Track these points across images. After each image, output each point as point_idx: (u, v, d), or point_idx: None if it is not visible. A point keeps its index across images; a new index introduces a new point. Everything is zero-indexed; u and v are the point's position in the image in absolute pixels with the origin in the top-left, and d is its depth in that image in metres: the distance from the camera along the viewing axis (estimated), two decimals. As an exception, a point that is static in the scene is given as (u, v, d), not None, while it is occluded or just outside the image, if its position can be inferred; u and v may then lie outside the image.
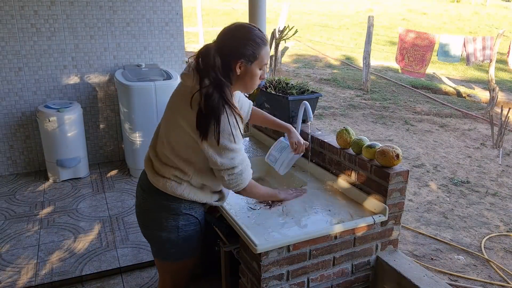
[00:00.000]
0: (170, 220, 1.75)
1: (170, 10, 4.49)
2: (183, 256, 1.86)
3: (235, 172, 1.64)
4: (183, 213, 1.75)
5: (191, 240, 1.82)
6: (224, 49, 1.58)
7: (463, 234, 3.97)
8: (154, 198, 1.76)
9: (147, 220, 1.82)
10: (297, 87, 2.43)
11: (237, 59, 1.58)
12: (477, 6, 25.51)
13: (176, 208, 1.74)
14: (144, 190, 1.81)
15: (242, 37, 1.59)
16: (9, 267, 2.87)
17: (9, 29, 3.97)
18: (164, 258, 1.86)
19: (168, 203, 1.74)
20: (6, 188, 4.03)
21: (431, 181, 5.17)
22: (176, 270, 1.92)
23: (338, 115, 7.78)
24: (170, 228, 1.76)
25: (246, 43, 1.58)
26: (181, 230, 1.76)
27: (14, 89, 4.13)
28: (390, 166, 1.79)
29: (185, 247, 1.82)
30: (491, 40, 8.18)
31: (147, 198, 1.79)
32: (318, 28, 16.49)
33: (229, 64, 1.59)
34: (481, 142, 6.79)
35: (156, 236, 1.81)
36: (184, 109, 1.60)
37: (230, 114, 1.57)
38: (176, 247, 1.80)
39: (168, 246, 1.80)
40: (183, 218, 1.76)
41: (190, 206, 1.77)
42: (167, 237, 1.77)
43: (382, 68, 11.68)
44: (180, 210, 1.75)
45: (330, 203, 1.92)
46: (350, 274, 1.86)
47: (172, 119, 1.67)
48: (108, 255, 3.00)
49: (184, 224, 1.77)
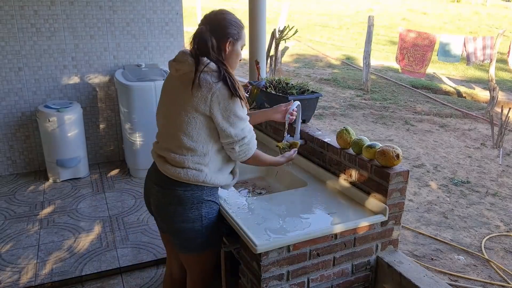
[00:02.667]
0: (193, 210, 1.78)
1: (170, 10, 4.49)
2: (209, 246, 1.87)
3: (245, 143, 1.76)
4: (206, 200, 1.79)
5: (214, 227, 1.84)
6: (215, 31, 1.73)
7: (463, 234, 3.97)
8: (175, 191, 1.77)
9: (170, 215, 1.81)
10: (297, 87, 2.42)
11: (226, 38, 1.74)
12: (477, 6, 25.50)
13: (198, 196, 1.78)
14: (160, 185, 1.82)
15: (227, 19, 1.77)
16: (9, 267, 2.87)
17: (9, 29, 3.96)
18: (191, 250, 1.86)
19: (191, 193, 1.77)
20: (6, 188, 4.03)
21: (431, 181, 5.17)
22: (203, 262, 1.93)
23: (338, 115, 7.78)
24: (194, 218, 1.78)
25: (231, 24, 1.76)
26: (204, 218, 1.80)
27: (14, 89, 4.13)
28: (390, 166, 1.79)
29: (210, 235, 1.84)
30: (491, 40, 8.18)
31: (166, 192, 1.80)
32: (318, 28, 16.49)
33: (220, 44, 1.74)
34: (481, 142, 6.79)
35: (181, 229, 1.80)
36: (191, 96, 1.68)
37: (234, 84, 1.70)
38: (201, 237, 1.82)
39: (193, 237, 1.81)
40: (205, 206, 1.80)
41: (211, 192, 1.81)
42: (191, 228, 1.79)
43: (383, 68, 11.68)
44: (203, 197, 1.78)
45: (330, 203, 1.92)
46: (350, 274, 1.86)
47: (180, 109, 1.72)
48: (108, 255, 2.99)
49: (207, 212, 1.80)
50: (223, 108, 1.68)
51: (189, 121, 1.71)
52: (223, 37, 1.73)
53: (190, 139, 1.73)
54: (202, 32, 1.72)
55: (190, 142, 1.73)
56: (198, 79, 1.66)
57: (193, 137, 1.72)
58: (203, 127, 1.72)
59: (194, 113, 1.69)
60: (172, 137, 1.77)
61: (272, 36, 8.36)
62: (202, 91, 1.66)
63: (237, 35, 1.77)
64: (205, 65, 1.68)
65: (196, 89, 1.67)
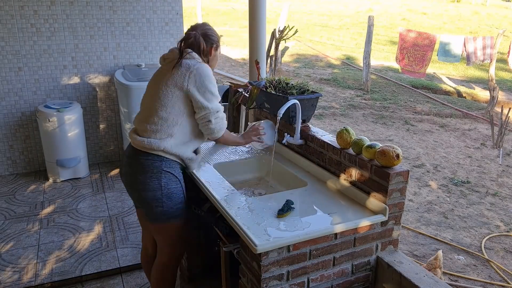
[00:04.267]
0: (153, 179, 1.98)
1: (170, 10, 4.49)
2: (172, 216, 2.05)
3: (219, 116, 2.03)
4: (164, 170, 1.99)
5: (174, 197, 2.03)
6: (204, 37, 2.07)
7: (463, 234, 3.97)
8: (138, 159, 1.99)
9: (134, 183, 2.02)
10: (297, 87, 2.42)
11: (212, 44, 2.10)
12: (477, 6, 25.51)
13: (158, 166, 1.98)
14: (128, 156, 2.05)
15: (211, 29, 2.13)
16: (9, 267, 2.87)
17: (9, 29, 3.97)
18: (154, 219, 2.06)
19: (151, 161, 1.98)
20: (6, 188, 4.03)
21: (431, 181, 5.17)
22: (168, 232, 2.10)
23: (338, 115, 7.78)
24: (155, 186, 1.98)
25: (213, 34, 2.12)
26: (164, 187, 1.99)
27: (14, 89, 4.13)
28: (390, 166, 1.79)
29: (170, 205, 2.02)
30: (491, 39, 8.17)
31: (131, 162, 2.03)
32: (318, 28, 16.50)
33: (208, 48, 2.09)
34: (481, 142, 6.79)
35: (143, 197, 2.01)
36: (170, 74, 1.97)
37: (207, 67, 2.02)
38: (162, 205, 2.01)
39: (155, 205, 2.01)
40: (165, 176, 1.99)
41: (171, 164, 2.02)
42: (153, 196, 1.99)
43: (383, 68, 11.68)
44: (162, 168, 1.98)
45: (330, 203, 1.92)
46: (350, 274, 1.86)
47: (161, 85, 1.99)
48: (108, 255, 2.99)
49: (166, 182, 2.00)
50: (199, 85, 1.96)
51: (167, 93, 1.96)
52: (210, 43, 2.09)
53: (164, 109, 1.96)
54: (196, 36, 2.04)
55: (163, 112, 1.96)
56: (180, 63, 1.97)
57: (167, 108, 1.96)
58: (178, 100, 1.96)
59: (172, 87, 1.95)
60: (149, 109, 2.01)
61: (272, 36, 8.36)
62: (182, 70, 1.96)
63: (218, 43, 2.13)
64: (188, 53, 2.01)
65: (177, 69, 1.96)
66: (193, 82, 1.95)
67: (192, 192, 2.49)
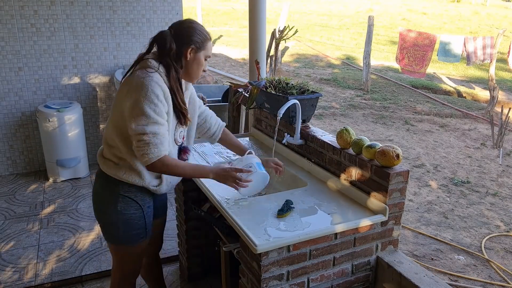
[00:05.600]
0: (109, 204, 1.82)
1: (170, 10, 4.49)
2: (123, 241, 1.88)
3: (143, 139, 1.65)
4: (121, 195, 1.81)
5: (131, 224, 1.84)
6: (177, 36, 1.75)
7: (463, 234, 3.97)
8: (99, 180, 1.88)
9: (94, 202, 1.92)
10: (297, 87, 2.42)
11: (188, 45, 1.75)
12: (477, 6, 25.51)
13: (114, 190, 1.81)
14: (96, 175, 1.93)
15: (192, 27, 1.78)
16: (9, 267, 2.87)
17: (9, 29, 3.97)
18: (109, 240, 1.94)
19: (109, 184, 1.82)
20: (6, 188, 4.03)
21: (431, 181, 5.17)
22: (121, 256, 1.96)
23: (338, 115, 7.78)
24: (110, 210, 1.83)
25: (196, 32, 1.77)
26: (120, 212, 1.81)
27: (14, 89, 4.13)
28: (390, 166, 1.79)
29: (126, 231, 1.85)
30: (491, 39, 8.17)
31: (95, 181, 1.91)
32: (318, 28, 16.49)
33: (181, 49, 1.76)
34: (482, 142, 6.79)
35: (100, 217, 1.90)
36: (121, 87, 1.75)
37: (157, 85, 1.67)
38: (115, 230, 1.86)
39: (108, 228, 1.89)
40: (122, 201, 1.81)
41: (129, 188, 1.81)
42: (108, 219, 1.85)
43: (383, 68, 11.67)
44: (118, 191, 1.81)
45: (330, 203, 1.92)
46: (350, 274, 1.86)
47: (114, 104, 1.79)
48: (108, 255, 2.99)
49: (123, 207, 1.81)
50: (131, 95, 1.66)
51: (116, 114, 1.74)
52: (185, 43, 1.75)
53: (114, 132, 1.77)
54: (163, 35, 1.75)
55: (114, 135, 1.77)
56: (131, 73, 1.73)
57: (116, 130, 1.76)
58: (120, 120, 1.72)
59: (119, 106, 1.72)
60: (106, 129, 1.84)
61: (272, 36, 8.36)
62: (125, 82, 1.73)
63: (201, 44, 1.77)
64: (144, 59, 1.74)
65: (123, 82, 1.74)
66: (129, 96, 1.66)
67: (192, 192, 2.49)
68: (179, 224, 2.70)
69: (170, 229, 3.37)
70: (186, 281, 2.72)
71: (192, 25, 1.78)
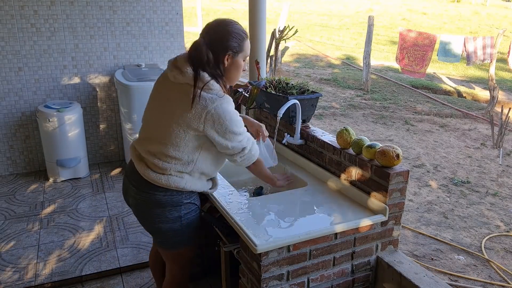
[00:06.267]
0: (173, 212, 1.82)
1: (170, 10, 4.49)
2: (186, 243, 1.95)
3: (245, 153, 1.79)
4: (185, 203, 1.84)
5: (192, 226, 1.91)
6: (213, 44, 1.69)
7: (463, 234, 3.97)
8: (153, 195, 1.80)
9: (148, 217, 1.86)
10: (297, 87, 2.42)
11: (225, 51, 1.71)
12: (477, 6, 25.51)
13: (178, 200, 1.82)
14: (138, 188, 1.84)
15: (227, 31, 1.71)
16: (9, 267, 2.87)
17: (9, 29, 3.96)
18: (169, 247, 1.95)
19: (170, 197, 1.80)
20: (6, 188, 4.03)
21: (431, 181, 5.17)
22: (181, 258, 2.00)
23: (338, 115, 7.77)
24: (173, 219, 1.83)
25: (231, 36, 1.70)
26: (183, 218, 1.86)
27: (14, 89, 4.13)
28: (390, 166, 1.79)
29: (187, 234, 1.91)
30: (492, 39, 8.17)
31: (144, 196, 1.82)
32: (318, 28, 16.49)
33: (219, 57, 1.71)
34: (481, 142, 6.79)
35: (159, 229, 1.87)
36: (186, 111, 1.66)
37: (228, 102, 1.70)
38: (179, 236, 1.89)
39: (171, 236, 1.88)
40: (185, 208, 1.85)
41: (190, 195, 1.86)
42: (170, 228, 1.85)
43: (383, 68, 11.67)
44: (182, 201, 1.83)
45: (330, 203, 1.92)
46: (350, 274, 1.86)
47: (172, 121, 1.71)
48: (108, 255, 2.99)
49: (186, 213, 1.86)
50: (218, 126, 1.66)
51: (179, 134, 1.70)
52: (222, 51, 1.70)
53: (176, 149, 1.73)
54: (198, 45, 1.70)
55: (176, 152, 1.73)
56: (198, 97, 1.65)
57: (180, 147, 1.73)
58: (192, 139, 1.71)
59: (186, 128, 1.68)
60: (158, 143, 1.76)
61: (272, 36, 8.36)
62: (197, 109, 1.65)
63: (238, 48, 1.72)
64: (204, 83, 1.66)
65: (193, 107, 1.65)
66: (210, 124, 1.66)
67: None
68: (179, 224, 2.70)
69: (170, 229, 3.37)
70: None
71: (227, 29, 1.71)
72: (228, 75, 1.77)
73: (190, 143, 1.72)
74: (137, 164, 1.83)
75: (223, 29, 1.71)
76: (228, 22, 1.74)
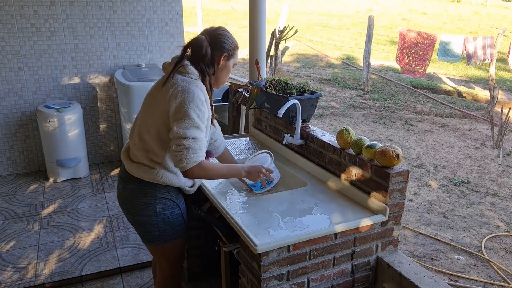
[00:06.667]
0: (148, 205, 1.86)
1: (170, 10, 4.49)
2: (167, 239, 1.94)
3: (183, 143, 1.68)
4: (159, 197, 1.86)
5: (171, 223, 1.92)
6: (214, 42, 1.80)
7: (463, 234, 3.97)
8: (131, 185, 1.87)
9: (128, 207, 1.92)
10: (297, 87, 2.42)
11: (222, 52, 1.81)
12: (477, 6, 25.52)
13: (151, 193, 1.85)
14: (122, 179, 1.93)
15: (226, 35, 1.84)
16: (9, 267, 2.87)
17: (9, 29, 3.97)
18: (150, 241, 1.97)
19: (144, 188, 1.85)
20: (6, 188, 4.03)
21: (431, 181, 5.17)
22: (166, 252, 2.01)
23: (338, 115, 7.78)
24: (149, 212, 1.87)
25: (229, 41, 1.83)
26: (159, 214, 1.87)
27: (14, 89, 4.13)
28: (390, 166, 1.79)
29: (167, 230, 1.92)
30: (492, 39, 8.17)
31: (125, 186, 1.90)
32: (318, 28, 16.49)
33: (215, 56, 1.81)
34: (482, 142, 6.79)
35: (138, 221, 1.92)
36: (160, 90, 1.76)
37: (198, 86, 1.75)
38: (158, 230, 1.90)
39: (150, 230, 1.91)
40: (160, 202, 1.86)
41: (165, 189, 1.87)
42: (147, 221, 1.89)
43: (383, 68, 11.68)
44: (156, 194, 1.85)
45: (330, 203, 1.92)
46: (350, 274, 1.86)
47: (149, 104, 1.83)
48: (108, 255, 2.99)
49: (161, 208, 1.87)
50: (178, 103, 1.69)
51: (154, 115, 1.77)
52: (219, 50, 1.80)
53: (151, 137, 1.80)
54: (200, 40, 1.78)
55: (150, 140, 1.80)
56: (172, 77, 1.74)
57: (154, 135, 1.79)
58: (162, 124, 1.75)
59: (156, 107, 1.76)
60: (138, 131, 1.86)
61: (272, 36, 8.36)
62: (167, 87, 1.74)
63: (232, 52, 1.84)
64: (183, 65, 1.75)
65: (164, 85, 1.75)
66: (173, 99, 1.69)
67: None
68: (179, 224, 2.70)
69: (170, 229, 3.37)
70: (186, 281, 2.72)
71: (225, 33, 1.83)
72: (219, 75, 1.86)
73: (160, 128, 1.76)
74: (123, 157, 1.93)
75: (222, 33, 1.83)
76: (224, 28, 1.88)
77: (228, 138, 2.78)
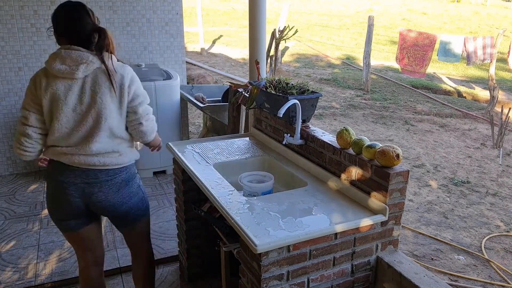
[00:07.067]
0: (134, 184, 2.04)
1: (170, 10, 4.49)
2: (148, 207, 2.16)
3: (150, 118, 1.99)
4: (136, 173, 2.08)
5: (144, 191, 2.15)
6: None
7: (463, 234, 3.97)
8: (119, 176, 1.96)
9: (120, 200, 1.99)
10: (297, 87, 2.42)
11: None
12: (477, 6, 25.53)
13: (134, 171, 2.05)
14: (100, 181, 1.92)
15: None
16: (9, 267, 2.87)
17: (9, 29, 3.96)
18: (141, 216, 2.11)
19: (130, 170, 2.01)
20: (6, 188, 4.03)
21: (431, 181, 5.17)
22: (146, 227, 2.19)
23: (338, 115, 7.78)
24: (137, 189, 2.06)
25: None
26: (141, 186, 2.11)
27: (14, 89, 4.13)
28: (390, 166, 1.79)
29: (147, 199, 2.14)
30: (492, 39, 8.17)
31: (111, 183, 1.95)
32: (318, 28, 16.49)
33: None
34: (482, 142, 6.79)
35: (130, 205, 2.03)
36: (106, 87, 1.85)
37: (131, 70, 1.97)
38: (144, 201, 2.11)
39: (140, 205, 2.08)
40: (137, 178, 2.08)
41: (134, 165, 2.08)
42: (138, 198, 2.06)
43: (383, 68, 11.68)
44: (135, 171, 2.07)
45: (330, 203, 1.92)
46: (350, 274, 1.86)
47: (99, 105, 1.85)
48: (108, 255, 2.99)
49: (139, 181, 2.10)
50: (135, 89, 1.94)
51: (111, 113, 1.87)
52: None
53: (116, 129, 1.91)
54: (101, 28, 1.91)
55: (117, 132, 1.92)
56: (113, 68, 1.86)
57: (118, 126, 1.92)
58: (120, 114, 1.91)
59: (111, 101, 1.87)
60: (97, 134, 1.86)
61: (272, 36, 8.37)
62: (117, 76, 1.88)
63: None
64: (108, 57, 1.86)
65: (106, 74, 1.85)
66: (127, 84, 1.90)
67: (192, 192, 2.49)
68: (179, 224, 2.70)
69: (170, 229, 3.37)
70: (186, 281, 2.72)
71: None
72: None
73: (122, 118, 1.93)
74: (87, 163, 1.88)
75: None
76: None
77: (228, 138, 2.78)
